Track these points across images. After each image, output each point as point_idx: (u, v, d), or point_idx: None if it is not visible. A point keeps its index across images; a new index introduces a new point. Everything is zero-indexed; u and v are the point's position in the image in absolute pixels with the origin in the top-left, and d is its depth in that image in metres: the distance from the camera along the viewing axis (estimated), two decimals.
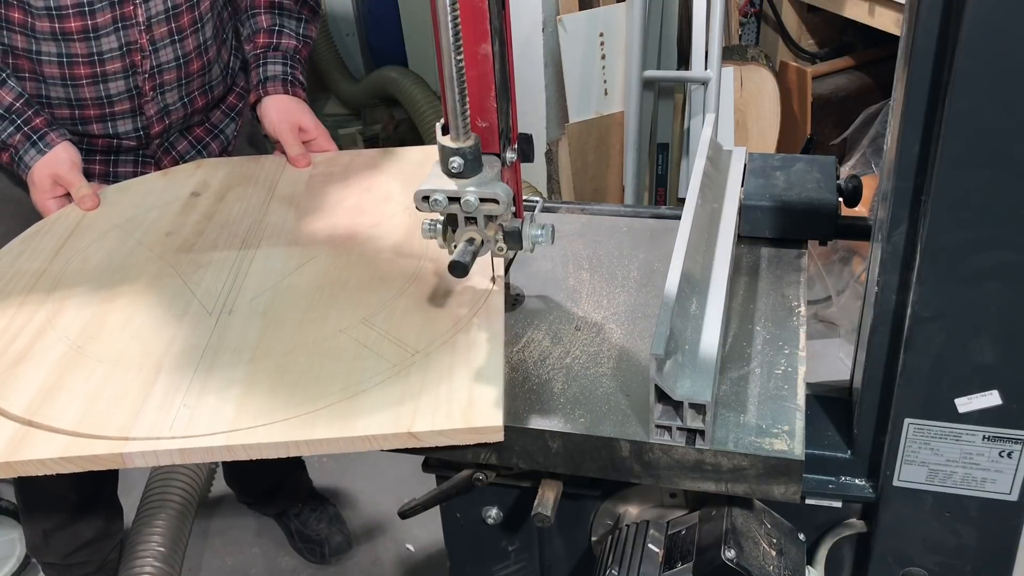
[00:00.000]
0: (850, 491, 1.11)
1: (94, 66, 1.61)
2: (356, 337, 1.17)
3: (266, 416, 1.06)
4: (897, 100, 0.95)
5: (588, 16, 2.94)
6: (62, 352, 1.21)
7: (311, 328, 1.20)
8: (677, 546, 1.07)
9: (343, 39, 4.51)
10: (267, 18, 1.73)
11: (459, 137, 1.06)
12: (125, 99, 1.67)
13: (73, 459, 1.05)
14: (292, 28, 1.74)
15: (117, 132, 1.71)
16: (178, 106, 1.74)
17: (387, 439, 1.03)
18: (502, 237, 1.15)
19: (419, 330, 1.17)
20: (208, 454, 1.05)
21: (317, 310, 1.24)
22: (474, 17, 1.01)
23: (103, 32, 1.59)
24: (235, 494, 2.49)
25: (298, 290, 1.29)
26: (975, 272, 0.91)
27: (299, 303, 1.26)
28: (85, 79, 1.63)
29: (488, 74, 1.05)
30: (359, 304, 1.24)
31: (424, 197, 1.10)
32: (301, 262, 1.35)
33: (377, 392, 1.08)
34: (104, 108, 1.67)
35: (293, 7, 1.75)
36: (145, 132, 1.72)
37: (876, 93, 3.31)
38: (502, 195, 1.08)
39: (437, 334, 1.16)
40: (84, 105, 1.66)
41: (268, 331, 1.21)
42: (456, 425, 1.02)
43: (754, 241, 1.32)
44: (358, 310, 1.22)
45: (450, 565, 1.31)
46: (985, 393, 0.98)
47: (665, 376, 0.97)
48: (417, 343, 1.15)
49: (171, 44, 1.66)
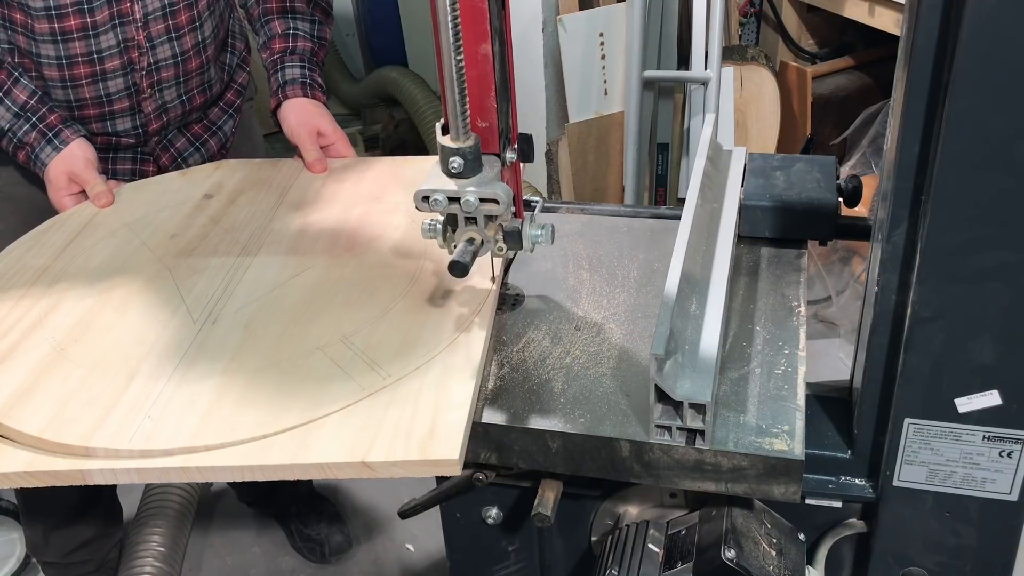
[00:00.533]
0: (850, 491, 1.11)
1: (93, 64, 1.62)
2: (332, 356, 1.15)
3: (226, 435, 1.04)
4: (897, 100, 0.95)
5: (588, 16, 2.94)
6: (45, 353, 1.20)
7: (289, 344, 1.18)
8: (677, 546, 1.07)
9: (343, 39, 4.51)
10: (281, 23, 1.73)
11: (459, 137, 1.05)
12: (124, 97, 1.67)
13: (36, 474, 1.04)
14: (306, 31, 1.73)
15: (116, 130, 1.71)
16: (176, 104, 1.74)
17: (341, 468, 1.01)
18: (502, 237, 1.15)
19: (396, 352, 1.14)
20: (165, 475, 1.04)
21: (299, 325, 1.22)
22: (474, 17, 1.01)
23: (102, 29, 1.59)
24: (235, 494, 2.50)
25: (285, 302, 1.27)
26: (975, 272, 0.91)
27: (283, 317, 1.24)
28: (85, 79, 1.63)
29: (488, 74, 1.05)
30: (342, 321, 1.22)
31: (424, 197, 1.10)
32: (295, 272, 1.34)
33: (340, 417, 1.05)
34: (103, 107, 1.67)
35: (305, 9, 1.74)
36: (143, 130, 1.73)
37: (876, 93, 3.31)
38: (502, 195, 1.08)
39: (413, 358, 1.13)
40: (84, 105, 1.66)
41: (246, 344, 1.19)
42: (412, 457, 1.00)
43: (754, 241, 1.32)
44: (340, 327, 1.20)
45: (450, 565, 1.31)
46: (985, 393, 0.98)
47: (665, 376, 0.97)
48: (391, 366, 1.12)
49: (168, 41, 1.66)
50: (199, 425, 1.06)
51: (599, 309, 1.23)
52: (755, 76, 3.09)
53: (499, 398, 1.09)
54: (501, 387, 1.11)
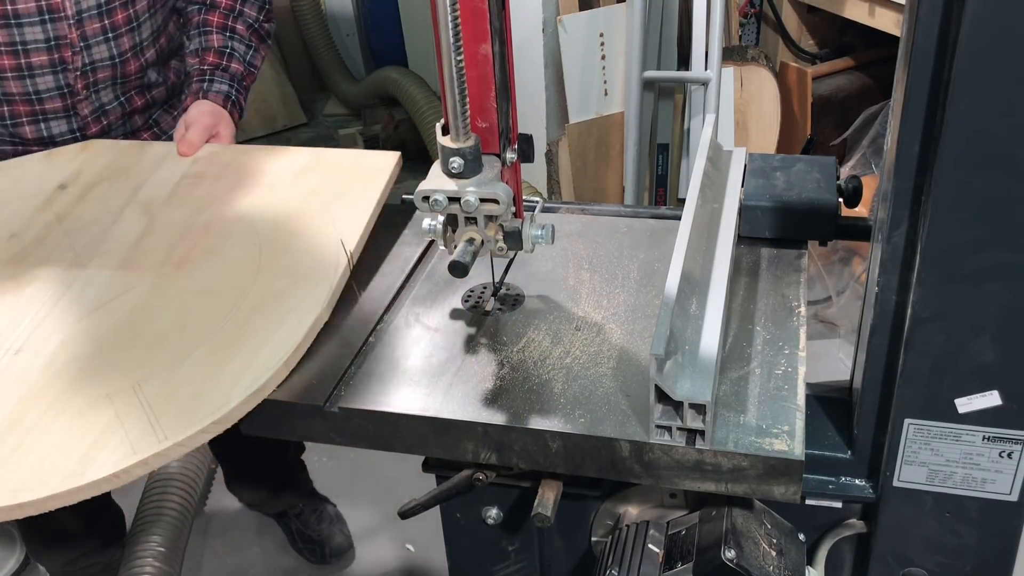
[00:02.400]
0: (850, 491, 1.11)
1: (17, 56, 1.59)
2: (118, 407, 1.07)
3: None
4: (897, 101, 0.95)
5: (588, 16, 2.94)
6: None
7: (80, 385, 1.10)
8: (677, 546, 1.07)
9: (343, 39, 4.52)
10: (219, 38, 1.72)
11: (459, 137, 1.05)
12: (56, 96, 1.65)
13: None
14: (241, 53, 1.73)
15: (52, 134, 1.68)
16: (115, 105, 1.71)
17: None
18: (502, 237, 1.15)
19: (181, 409, 1.06)
20: None
21: (97, 361, 1.13)
22: (474, 17, 1.01)
23: (25, 19, 1.56)
24: (236, 496, 2.50)
25: (94, 332, 1.18)
26: (975, 272, 0.91)
27: (85, 349, 1.15)
28: (9, 71, 1.60)
29: (488, 74, 1.05)
30: (143, 362, 1.13)
31: (424, 197, 1.10)
32: (117, 293, 1.25)
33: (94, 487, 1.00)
34: (34, 105, 1.64)
35: (245, 34, 1.74)
36: (82, 134, 1.70)
37: (876, 94, 3.31)
38: (502, 195, 1.08)
39: (192, 421, 1.05)
40: (13, 101, 1.64)
41: (38, 384, 1.10)
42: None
43: (754, 241, 1.32)
44: (137, 369, 1.11)
45: (450, 565, 1.31)
46: (985, 393, 0.98)
47: (665, 376, 0.97)
48: (170, 429, 1.04)
49: (105, 41, 1.64)
50: None
51: (599, 309, 1.23)
52: (755, 76, 3.09)
53: (499, 398, 1.09)
54: (501, 387, 1.11)
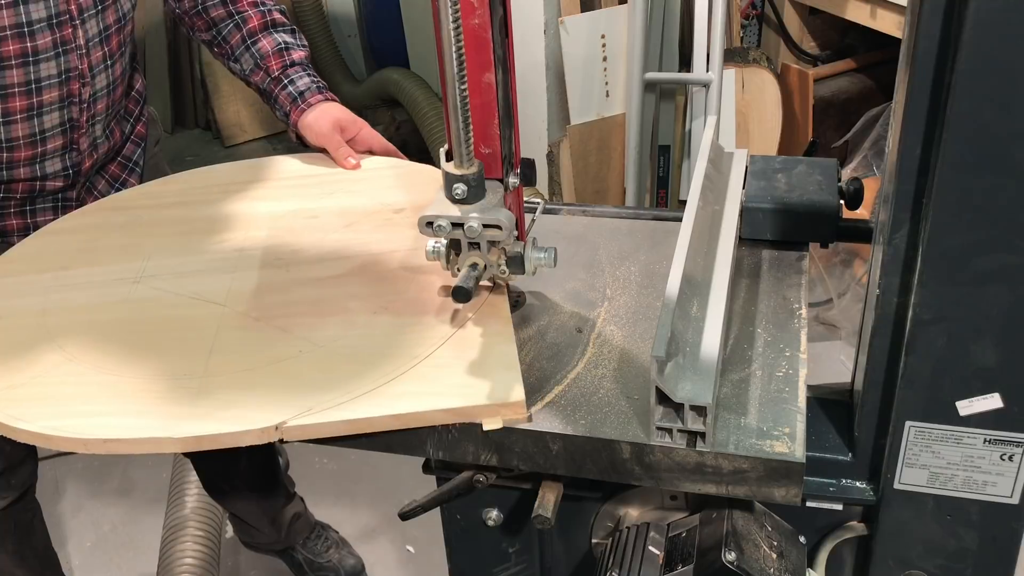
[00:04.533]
0: (851, 494, 1.11)
1: (31, 96, 1.48)
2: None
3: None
4: (899, 103, 0.95)
5: (589, 18, 2.94)
6: None
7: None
8: (678, 548, 1.07)
9: (344, 40, 4.52)
10: (268, 41, 1.66)
11: (463, 164, 1.07)
12: (58, 134, 1.55)
13: None
14: (294, 41, 1.70)
15: (45, 173, 1.58)
16: (103, 139, 1.65)
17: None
18: (505, 262, 1.16)
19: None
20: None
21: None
22: (478, 47, 1.03)
23: (43, 56, 1.47)
24: (246, 540, 2.39)
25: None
26: (976, 275, 0.91)
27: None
28: (20, 113, 1.49)
29: (491, 102, 1.06)
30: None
31: (428, 223, 1.11)
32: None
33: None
34: (36, 147, 1.54)
35: (285, 21, 1.70)
36: (75, 170, 1.61)
37: (878, 96, 3.31)
38: (505, 221, 1.09)
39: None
40: (15, 147, 1.52)
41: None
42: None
43: (755, 243, 1.32)
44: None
45: (450, 567, 1.31)
46: (986, 396, 0.98)
47: (666, 378, 0.97)
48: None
49: (104, 70, 1.57)
50: None
51: (600, 310, 1.23)
52: (756, 78, 3.09)
53: None
54: None
